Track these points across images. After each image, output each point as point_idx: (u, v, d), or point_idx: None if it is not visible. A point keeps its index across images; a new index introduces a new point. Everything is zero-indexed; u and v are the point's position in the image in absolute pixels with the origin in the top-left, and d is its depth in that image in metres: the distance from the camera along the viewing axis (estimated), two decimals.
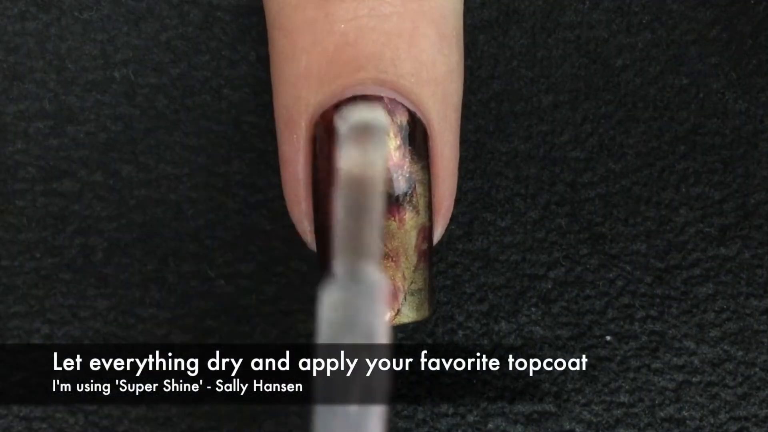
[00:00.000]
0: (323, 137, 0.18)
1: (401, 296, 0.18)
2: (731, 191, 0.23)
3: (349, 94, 0.17)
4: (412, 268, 0.18)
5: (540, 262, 0.23)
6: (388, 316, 0.18)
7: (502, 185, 0.23)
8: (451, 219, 0.23)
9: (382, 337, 0.13)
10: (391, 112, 0.18)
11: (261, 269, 0.23)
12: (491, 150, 0.23)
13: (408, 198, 0.18)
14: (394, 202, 0.18)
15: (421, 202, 0.18)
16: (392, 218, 0.18)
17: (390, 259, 0.18)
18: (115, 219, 0.22)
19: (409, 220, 0.18)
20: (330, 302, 0.13)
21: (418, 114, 0.18)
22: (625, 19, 0.23)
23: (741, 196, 0.23)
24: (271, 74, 0.19)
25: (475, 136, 0.23)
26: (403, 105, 0.18)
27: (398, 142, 0.18)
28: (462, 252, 0.23)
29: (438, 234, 0.19)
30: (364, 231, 0.13)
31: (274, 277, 0.23)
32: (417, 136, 0.18)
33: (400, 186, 0.18)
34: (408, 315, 0.18)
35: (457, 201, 0.23)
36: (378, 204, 0.14)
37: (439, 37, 0.18)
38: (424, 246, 0.18)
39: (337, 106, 0.18)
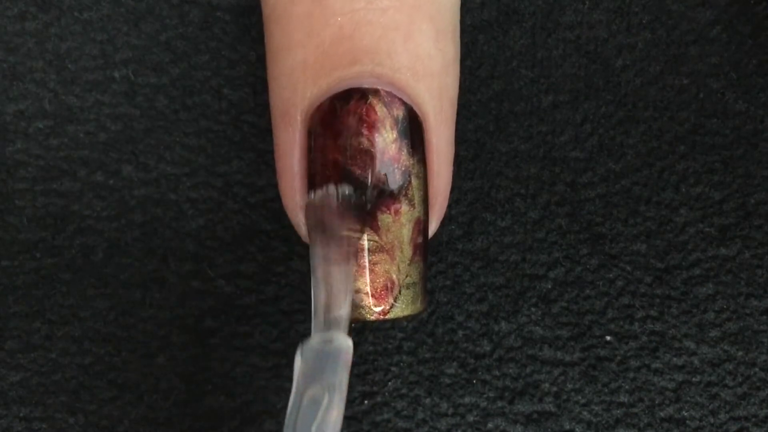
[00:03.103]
0: (318, 130, 0.18)
1: (396, 290, 0.18)
2: (731, 191, 0.23)
3: (344, 87, 0.17)
4: (408, 262, 0.18)
5: (540, 262, 0.23)
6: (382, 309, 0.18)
7: (502, 185, 0.23)
8: (451, 219, 0.23)
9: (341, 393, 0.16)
10: (387, 105, 0.18)
11: (261, 269, 0.23)
12: (491, 150, 0.23)
13: (404, 191, 0.18)
14: (389, 196, 0.18)
15: (417, 196, 0.18)
16: (387, 211, 0.18)
17: (385, 252, 0.18)
18: (115, 219, 0.22)
19: (405, 213, 0.18)
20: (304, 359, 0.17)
21: (414, 107, 0.18)
22: (625, 19, 0.23)
23: (741, 196, 0.23)
24: (266, 68, 0.19)
25: (475, 136, 0.23)
26: (399, 98, 0.18)
27: (395, 135, 0.18)
28: (462, 252, 0.23)
29: (433, 228, 0.19)
30: (335, 305, 0.17)
31: (274, 277, 0.23)
32: (413, 130, 0.18)
33: (396, 179, 0.18)
34: (402, 309, 0.18)
35: (457, 201, 0.23)
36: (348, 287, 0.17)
37: (435, 31, 0.18)
38: (419, 239, 0.18)
39: (333, 98, 0.18)
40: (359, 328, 0.22)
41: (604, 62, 0.23)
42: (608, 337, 0.22)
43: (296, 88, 0.18)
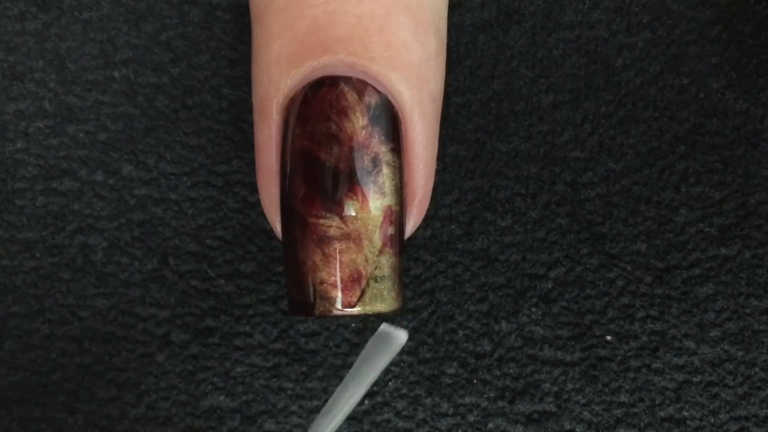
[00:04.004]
0: (292, 120, 0.18)
1: (363, 282, 0.17)
2: (731, 191, 0.23)
3: (317, 76, 0.17)
4: (376, 252, 0.17)
5: (540, 262, 0.23)
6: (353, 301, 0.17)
7: (502, 185, 0.23)
8: (451, 219, 0.23)
9: None
10: (360, 92, 0.17)
11: (261, 269, 0.23)
12: (491, 150, 0.23)
13: (372, 178, 0.17)
14: (357, 182, 0.17)
15: (388, 185, 0.18)
16: (354, 197, 0.17)
17: (351, 241, 0.17)
18: (115, 218, 0.22)
19: (374, 200, 0.17)
20: None
21: (390, 97, 0.18)
22: (625, 19, 0.23)
23: (741, 196, 0.23)
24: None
25: (475, 135, 0.23)
26: (373, 86, 0.17)
27: (365, 122, 0.17)
28: (462, 252, 0.23)
29: (412, 223, 0.19)
30: None
31: (274, 277, 0.23)
32: (387, 119, 0.18)
33: (364, 165, 0.17)
34: (371, 303, 0.17)
35: (457, 201, 0.23)
36: None
37: (414, 24, 0.18)
38: (391, 230, 0.18)
39: (306, 88, 0.17)
40: (359, 327, 0.22)
41: (604, 62, 0.23)
42: (608, 337, 0.22)
43: (271, 81, 0.18)
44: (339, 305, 0.17)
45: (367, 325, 0.22)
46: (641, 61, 0.23)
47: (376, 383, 0.22)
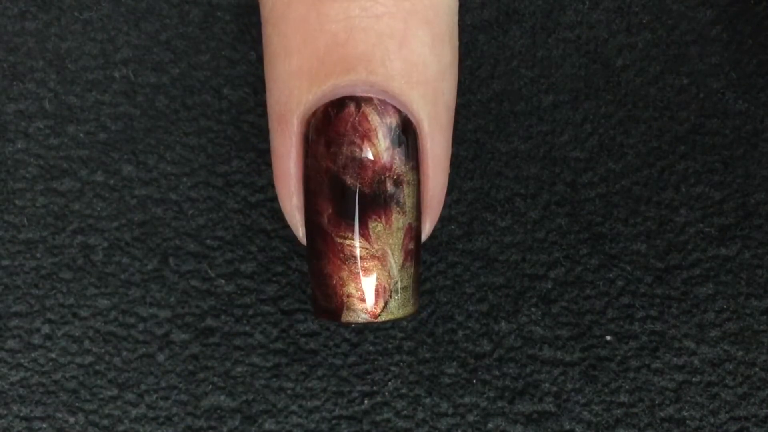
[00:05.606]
0: (313, 136, 0.18)
1: (387, 294, 0.18)
2: (731, 191, 0.23)
3: (339, 95, 0.18)
4: (399, 268, 0.18)
5: (540, 262, 0.23)
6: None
7: (502, 185, 0.23)
8: (451, 219, 0.23)
9: None
10: (381, 114, 0.18)
11: (261, 269, 0.23)
12: (491, 150, 0.23)
13: (395, 200, 0.18)
14: (381, 204, 0.18)
15: (408, 203, 0.18)
16: (378, 219, 0.18)
17: (376, 260, 0.18)
18: (115, 218, 0.22)
19: (396, 221, 0.18)
20: None
21: (408, 115, 0.18)
22: (625, 19, 0.23)
23: (741, 196, 0.23)
24: (264, 70, 0.19)
25: (475, 136, 0.23)
26: (393, 106, 0.18)
27: (387, 144, 0.18)
28: (462, 252, 0.23)
29: (427, 231, 0.19)
30: None
31: (274, 277, 0.23)
32: (406, 137, 0.18)
33: (388, 188, 0.18)
34: (394, 312, 0.18)
35: (457, 201, 0.23)
36: None
37: (431, 36, 0.18)
38: (411, 245, 0.18)
39: (328, 105, 0.18)
40: (359, 328, 0.22)
41: (604, 62, 0.23)
42: (608, 337, 0.22)
43: (292, 94, 0.18)
44: (364, 316, 0.18)
45: (368, 325, 0.22)
46: (641, 61, 0.23)
47: (376, 383, 0.22)
